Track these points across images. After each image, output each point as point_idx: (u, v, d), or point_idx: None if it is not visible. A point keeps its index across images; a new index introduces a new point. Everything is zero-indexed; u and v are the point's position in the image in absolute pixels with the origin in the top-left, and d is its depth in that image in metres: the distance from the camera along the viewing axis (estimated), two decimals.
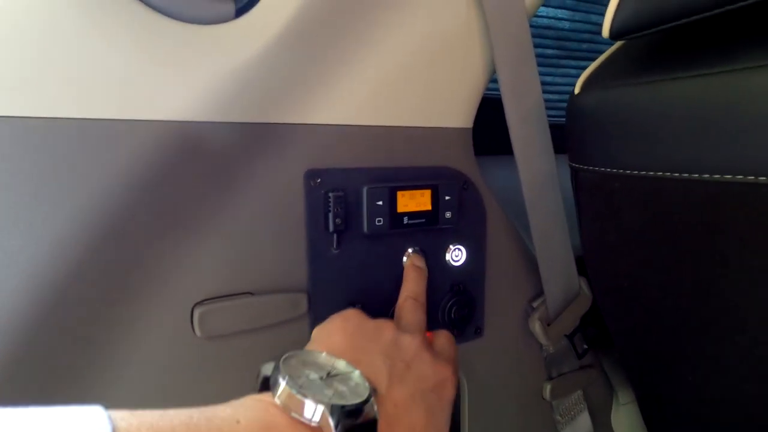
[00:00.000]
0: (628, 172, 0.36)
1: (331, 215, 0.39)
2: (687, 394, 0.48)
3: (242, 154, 0.36)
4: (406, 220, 0.41)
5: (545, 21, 1.09)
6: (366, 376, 0.30)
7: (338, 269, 0.41)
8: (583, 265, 0.52)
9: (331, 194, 0.39)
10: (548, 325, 0.51)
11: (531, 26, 0.44)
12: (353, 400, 0.27)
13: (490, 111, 0.51)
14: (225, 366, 0.38)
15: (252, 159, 0.37)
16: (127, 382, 0.35)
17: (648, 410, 0.58)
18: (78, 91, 0.30)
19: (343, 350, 0.31)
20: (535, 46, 0.45)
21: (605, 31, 0.34)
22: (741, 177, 0.28)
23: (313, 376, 0.28)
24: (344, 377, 0.29)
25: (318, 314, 0.41)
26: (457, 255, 0.46)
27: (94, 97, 0.31)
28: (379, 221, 0.40)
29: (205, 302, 0.36)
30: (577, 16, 1.12)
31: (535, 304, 0.52)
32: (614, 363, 0.64)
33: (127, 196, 0.32)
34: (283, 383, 0.26)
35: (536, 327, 0.51)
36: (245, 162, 0.36)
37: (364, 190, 0.40)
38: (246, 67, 0.35)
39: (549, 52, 1.10)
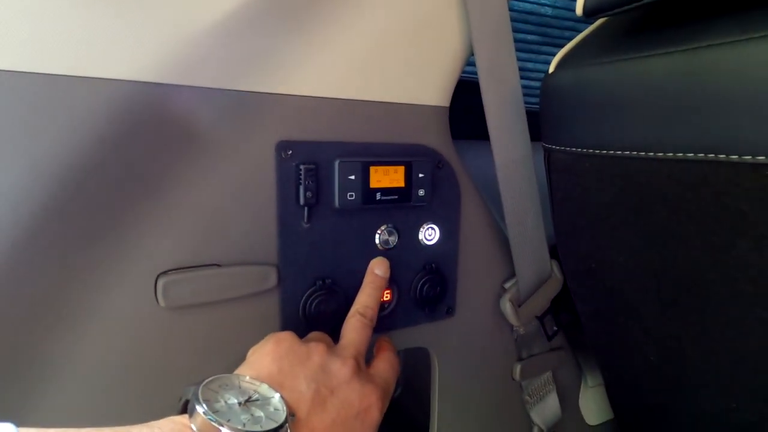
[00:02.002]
0: (599, 151, 0.36)
1: (302, 188, 0.38)
2: (651, 377, 0.50)
3: (211, 121, 0.35)
4: (378, 196, 0.41)
5: (528, 6, 1.09)
6: (287, 401, 0.29)
7: (309, 244, 0.40)
8: (556, 250, 0.52)
9: (302, 167, 0.38)
10: (519, 306, 0.52)
11: (513, 11, 0.44)
12: (268, 426, 0.27)
13: (468, 95, 0.51)
14: (192, 339, 0.38)
15: (221, 127, 0.36)
16: (91, 354, 0.34)
17: (614, 393, 0.59)
18: (33, 45, 0.29)
19: (270, 373, 0.31)
20: (517, 31, 0.45)
21: (578, 9, 0.34)
22: (702, 155, 0.29)
23: (232, 400, 0.28)
24: (264, 402, 0.29)
25: (288, 288, 0.40)
26: (430, 234, 0.46)
27: (48, 51, 0.30)
28: (351, 196, 0.40)
29: (170, 272, 0.35)
30: (560, 2, 1.12)
31: (506, 286, 0.52)
32: (584, 346, 0.66)
33: (85, 159, 0.31)
34: (199, 408, 0.26)
35: (507, 308, 0.51)
36: (214, 130, 0.36)
37: (336, 163, 0.39)
38: (215, 31, 0.34)
39: (531, 38, 1.10)
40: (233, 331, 0.39)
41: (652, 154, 0.32)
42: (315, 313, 0.41)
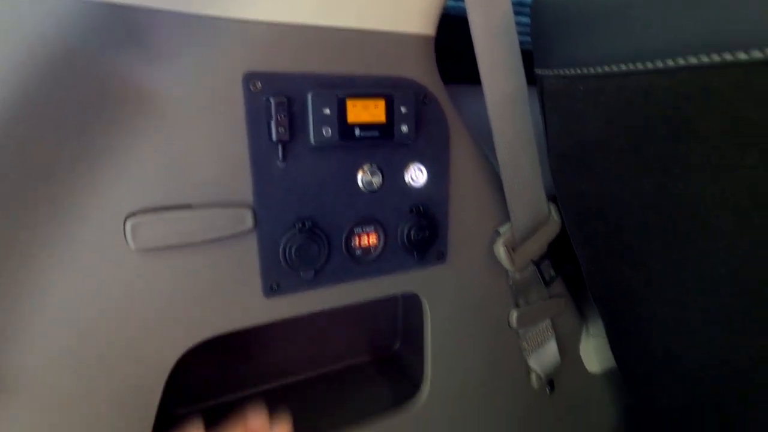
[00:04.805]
0: (593, 69, 0.33)
1: (273, 123, 0.36)
2: (653, 323, 0.48)
3: (172, 49, 0.33)
4: (357, 132, 0.39)
5: None
6: None
7: (286, 184, 0.38)
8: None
9: (272, 100, 0.36)
10: (514, 250, 0.50)
11: None
12: None
13: (460, 33, 0.47)
14: (168, 284, 0.37)
15: (183, 56, 0.33)
16: (61, 301, 0.33)
17: (615, 341, 0.58)
18: None
19: None
20: None
21: None
22: (707, 59, 0.26)
23: None
24: None
25: (265, 231, 0.39)
26: (417, 175, 0.44)
27: None
28: (327, 132, 0.38)
29: (139, 214, 0.34)
30: None
31: (501, 230, 0.50)
32: (586, 296, 0.64)
33: (42, 93, 0.29)
34: None
35: (501, 252, 0.49)
36: (176, 59, 0.33)
37: (309, 96, 0.37)
38: None
39: None
40: (212, 276, 0.38)
41: (650, 64, 0.29)
42: (296, 256, 0.39)
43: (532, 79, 0.44)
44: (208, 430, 0.32)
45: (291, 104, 0.37)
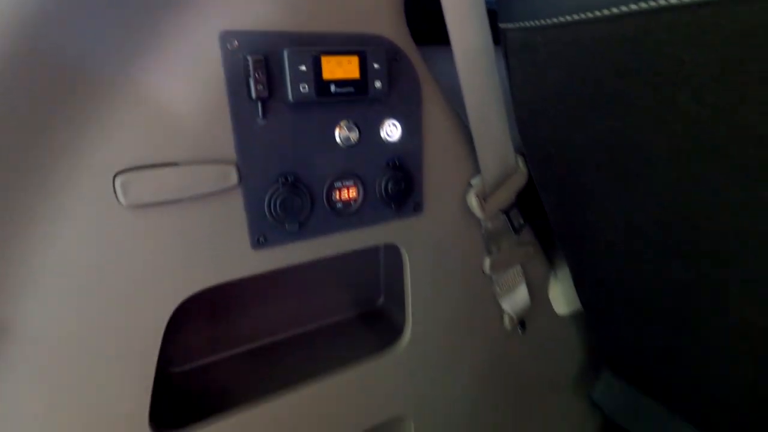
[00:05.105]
0: (549, 21, 0.36)
1: (251, 81, 0.38)
2: (613, 263, 0.52)
3: (149, 8, 0.34)
4: (333, 88, 0.41)
5: None
6: None
7: (267, 141, 0.40)
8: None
9: (249, 58, 0.37)
10: (485, 200, 0.53)
11: None
12: None
13: None
14: (159, 240, 0.38)
15: (160, 15, 0.34)
16: (59, 254, 0.35)
17: (580, 284, 0.63)
18: None
19: None
20: None
21: None
22: (645, 4, 0.29)
23: None
24: None
25: (250, 187, 0.41)
26: (392, 130, 0.46)
27: None
28: (304, 88, 0.39)
29: (127, 171, 0.36)
30: None
31: (473, 182, 0.54)
32: (554, 244, 0.69)
33: (24, 49, 0.30)
34: None
35: (472, 201, 0.53)
36: (152, 18, 0.34)
37: (285, 53, 0.38)
38: None
39: None
40: (201, 231, 0.40)
41: (598, 13, 0.31)
42: (280, 210, 0.42)
43: (498, 39, 0.46)
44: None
45: (268, 62, 0.38)
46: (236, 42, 0.37)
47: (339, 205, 0.46)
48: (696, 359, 0.51)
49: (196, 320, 0.55)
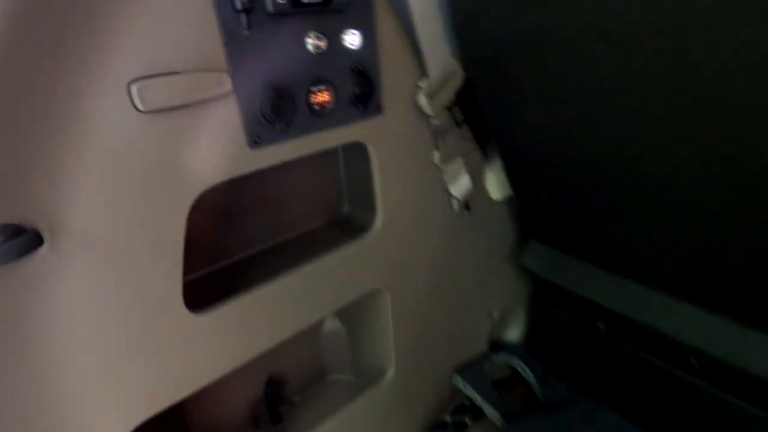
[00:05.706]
0: None
1: None
2: (540, 151, 0.66)
3: None
4: None
5: None
6: None
7: (253, 50, 0.46)
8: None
9: None
10: (432, 99, 0.64)
11: None
12: None
13: None
14: (169, 142, 0.44)
15: None
16: (89, 160, 0.40)
17: (510, 170, 0.77)
18: None
19: None
20: None
21: None
22: None
23: None
24: None
25: (242, 93, 0.47)
26: (353, 39, 0.54)
27: None
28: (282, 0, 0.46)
29: (140, 79, 0.41)
30: None
31: (421, 84, 0.63)
32: (489, 140, 0.82)
33: None
34: None
35: (422, 100, 0.63)
36: None
37: None
38: None
39: None
40: (205, 134, 0.46)
41: None
42: (272, 114, 0.49)
43: None
44: None
45: None
46: None
47: (317, 107, 0.53)
48: (609, 217, 0.67)
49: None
